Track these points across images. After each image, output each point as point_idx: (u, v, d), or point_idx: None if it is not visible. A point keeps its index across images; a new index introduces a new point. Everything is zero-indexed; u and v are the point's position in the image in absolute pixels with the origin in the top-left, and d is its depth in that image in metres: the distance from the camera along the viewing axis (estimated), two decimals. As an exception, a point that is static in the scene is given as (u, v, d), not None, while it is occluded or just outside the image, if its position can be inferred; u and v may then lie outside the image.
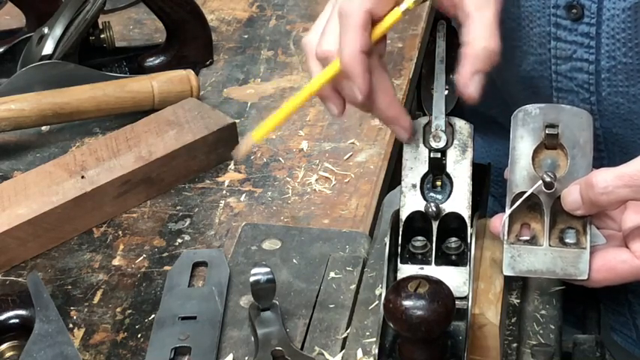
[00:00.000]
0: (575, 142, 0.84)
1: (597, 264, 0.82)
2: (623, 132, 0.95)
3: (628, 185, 0.78)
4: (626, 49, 0.90)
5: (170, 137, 1.08)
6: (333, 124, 1.17)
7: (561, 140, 0.84)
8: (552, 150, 0.84)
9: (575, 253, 0.82)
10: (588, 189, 0.80)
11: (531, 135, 0.84)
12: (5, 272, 0.97)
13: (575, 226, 0.83)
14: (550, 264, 0.82)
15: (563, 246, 0.83)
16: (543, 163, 0.84)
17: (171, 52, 1.29)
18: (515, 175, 0.84)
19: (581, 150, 0.83)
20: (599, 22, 0.90)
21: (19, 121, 1.12)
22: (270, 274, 0.86)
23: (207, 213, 1.04)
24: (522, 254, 0.83)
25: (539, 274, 0.83)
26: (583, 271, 0.82)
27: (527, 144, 0.84)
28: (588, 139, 0.84)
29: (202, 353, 0.85)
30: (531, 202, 0.84)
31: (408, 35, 1.34)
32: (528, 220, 0.84)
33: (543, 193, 0.83)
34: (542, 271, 0.83)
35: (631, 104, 0.93)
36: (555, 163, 0.84)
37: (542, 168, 0.84)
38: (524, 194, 0.83)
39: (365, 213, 1.03)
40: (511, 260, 0.83)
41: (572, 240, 0.83)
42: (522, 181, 0.84)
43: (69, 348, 0.83)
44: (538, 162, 0.84)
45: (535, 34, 0.95)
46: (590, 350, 0.86)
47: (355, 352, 0.84)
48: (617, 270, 0.81)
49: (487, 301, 0.83)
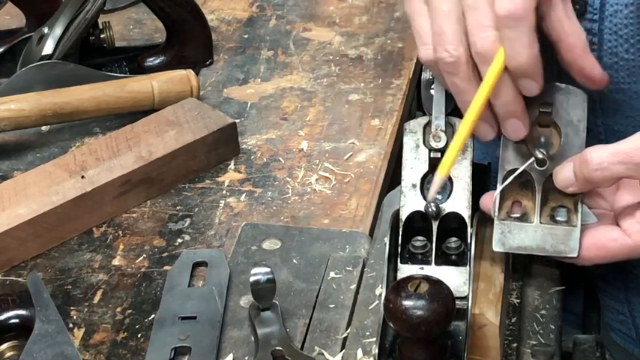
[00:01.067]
0: (569, 120, 0.84)
1: (588, 242, 0.82)
2: (625, 129, 0.95)
3: (623, 162, 0.78)
4: (628, 46, 0.89)
5: (170, 137, 1.08)
6: (333, 124, 1.17)
7: (555, 118, 0.84)
8: (545, 128, 0.84)
9: (566, 231, 0.82)
10: (582, 165, 0.80)
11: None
12: (5, 272, 0.97)
13: (566, 205, 0.83)
14: (540, 241, 0.82)
15: (554, 223, 0.83)
16: (536, 140, 0.84)
17: (171, 52, 1.29)
18: (507, 151, 0.84)
19: (575, 128, 0.83)
20: (601, 18, 0.90)
21: (19, 121, 1.12)
22: (270, 274, 0.86)
23: (207, 213, 1.04)
24: (512, 230, 0.83)
25: (529, 250, 0.83)
26: (573, 249, 0.82)
27: None
28: (582, 117, 0.83)
29: (202, 353, 0.85)
30: (523, 180, 0.84)
31: (408, 35, 1.34)
32: (520, 198, 0.84)
33: (535, 170, 0.83)
34: (532, 247, 0.83)
35: (632, 101, 0.93)
36: (548, 141, 0.84)
37: (535, 145, 0.84)
38: (515, 171, 0.83)
39: (365, 213, 1.03)
40: (501, 236, 0.83)
41: (563, 218, 0.83)
42: (514, 157, 0.84)
43: (69, 348, 0.83)
44: (531, 139, 0.84)
45: None
46: (590, 350, 0.86)
47: (355, 352, 0.84)
48: (608, 248, 0.81)
49: (487, 301, 0.83)
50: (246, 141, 1.15)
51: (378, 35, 1.35)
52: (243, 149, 1.14)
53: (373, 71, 1.27)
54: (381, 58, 1.30)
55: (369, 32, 1.36)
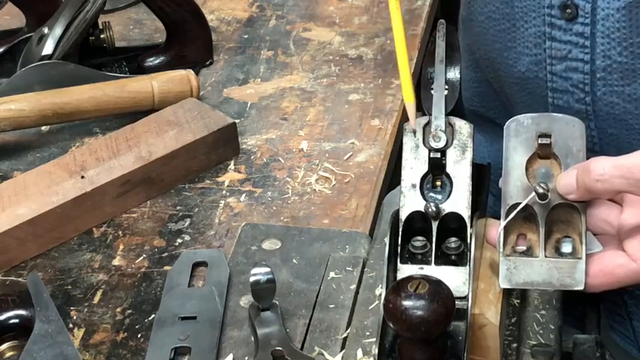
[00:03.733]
0: (568, 150, 0.84)
1: (594, 269, 0.81)
2: (618, 132, 0.96)
3: (624, 177, 0.78)
4: (621, 49, 0.90)
5: (170, 137, 1.08)
6: (333, 124, 1.17)
7: (554, 149, 0.84)
8: (546, 159, 0.84)
9: (571, 264, 0.82)
10: (584, 174, 0.80)
11: (524, 145, 0.84)
12: (5, 272, 0.97)
13: (571, 235, 0.83)
14: (546, 275, 0.82)
15: (559, 256, 0.82)
16: (537, 172, 0.84)
17: (171, 52, 1.29)
18: (509, 186, 0.84)
19: (575, 158, 0.83)
20: (593, 22, 0.90)
21: (19, 121, 1.12)
22: (270, 274, 0.86)
23: (207, 213, 1.04)
24: (518, 266, 0.83)
25: (535, 285, 0.83)
26: (579, 281, 0.81)
27: (521, 155, 0.84)
28: (581, 147, 0.84)
29: (202, 353, 0.85)
30: (526, 213, 0.84)
31: (408, 35, 1.33)
32: (524, 231, 0.84)
33: (537, 203, 0.83)
34: (539, 282, 0.82)
35: (626, 104, 0.93)
36: (549, 173, 0.84)
37: (536, 178, 0.84)
38: (518, 206, 0.83)
39: (365, 213, 1.03)
40: (507, 273, 0.83)
41: (568, 249, 0.83)
42: (516, 192, 0.84)
43: (69, 348, 0.83)
44: (532, 172, 0.84)
45: (530, 34, 0.95)
46: (590, 350, 0.86)
47: (355, 352, 0.85)
48: (615, 274, 0.81)
49: (487, 301, 0.83)
50: (246, 141, 1.15)
51: (378, 35, 1.35)
52: (243, 149, 1.14)
53: (373, 71, 1.27)
54: (381, 58, 1.30)
55: (369, 32, 1.36)
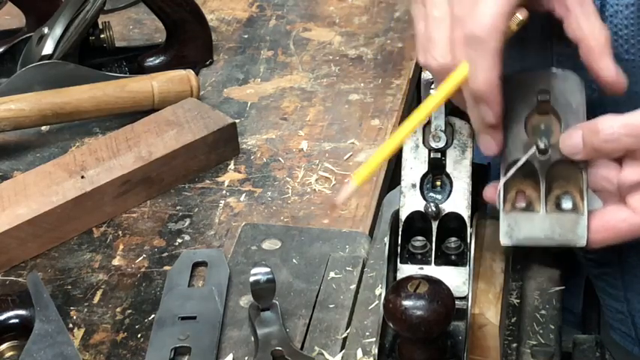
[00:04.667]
0: (568, 106, 0.83)
1: (596, 224, 0.81)
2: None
3: (633, 135, 0.78)
4: (628, 46, 0.90)
5: (170, 137, 1.08)
6: (332, 124, 1.17)
7: (554, 105, 0.83)
8: (545, 115, 0.84)
9: (573, 219, 0.81)
10: (592, 135, 0.79)
11: (524, 102, 0.84)
12: (5, 272, 0.97)
13: (571, 191, 0.82)
14: (548, 230, 0.81)
15: (561, 212, 0.82)
16: (537, 129, 0.84)
17: (171, 52, 1.29)
18: (508, 142, 0.83)
19: (574, 114, 0.83)
20: (602, 19, 0.90)
21: (19, 121, 1.12)
22: (270, 274, 0.86)
23: (207, 213, 1.04)
24: (519, 222, 0.82)
25: (537, 241, 0.82)
26: (581, 237, 0.81)
27: (520, 111, 0.83)
28: (581, 102, 0.83)
29: (202, 353, 0.85)
30: (526, 169, 0.83)
31: (408, 35, 1.34)
32: (523, 188, 0.83)
33: (537, 160, 0.82)
34: (541, 238, 0.81)
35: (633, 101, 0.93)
36: (549, 129, 0.83)
37: (537, 134, 0.83)
38: (518, 161, 0.82)
39: (365, 213, 1.03)
40: (508, 229, 0.82)
41: (568, 205, 0.82)
42: (516, 148, 0.83)
43: (69, 348, 0.83)
44: (532, 128, 0.84)
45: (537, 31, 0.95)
46: (590, 350, 0.86)
47: (355, 352, 0.84)
48: (617, 229, 0.80)
49: (487, 301, 0.83)
50: (246, 141, 1.15)
51: (378, 35, 1.35)
52: (243, 149, 1.14)
53: (373, 71, 1.27)
54: (381, 58, 1.30)
55: (369, 32, 1.36)
